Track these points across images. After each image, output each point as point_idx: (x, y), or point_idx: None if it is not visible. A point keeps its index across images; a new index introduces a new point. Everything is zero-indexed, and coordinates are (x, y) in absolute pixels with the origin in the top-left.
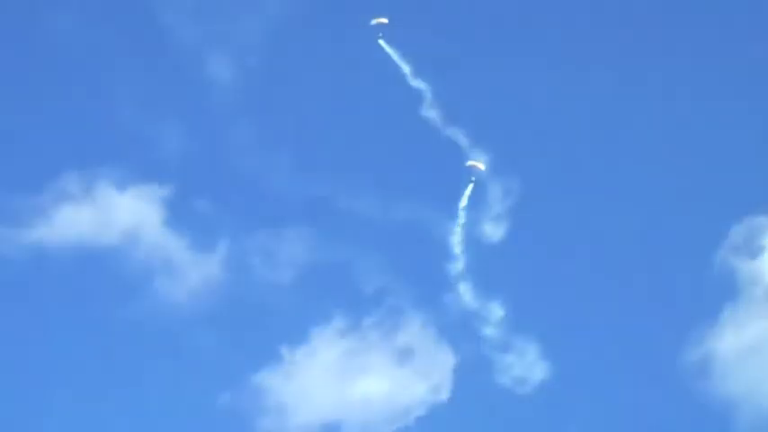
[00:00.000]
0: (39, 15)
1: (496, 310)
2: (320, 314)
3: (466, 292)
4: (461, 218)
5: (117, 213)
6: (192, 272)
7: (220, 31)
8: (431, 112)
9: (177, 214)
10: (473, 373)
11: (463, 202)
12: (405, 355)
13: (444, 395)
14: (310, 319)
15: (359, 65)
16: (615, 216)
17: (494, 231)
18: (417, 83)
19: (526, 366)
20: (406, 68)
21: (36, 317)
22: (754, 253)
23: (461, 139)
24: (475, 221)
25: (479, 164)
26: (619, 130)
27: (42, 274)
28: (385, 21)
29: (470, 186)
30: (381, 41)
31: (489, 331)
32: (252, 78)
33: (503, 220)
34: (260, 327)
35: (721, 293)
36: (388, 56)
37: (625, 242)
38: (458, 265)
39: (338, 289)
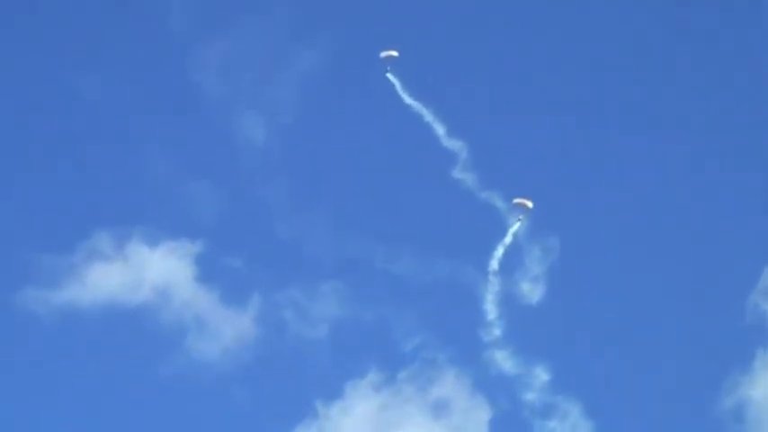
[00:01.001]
0: (72, 75)
1: (534, 371)
2: (355, 369)
3: (502, 352)
4: (496, 267)
5: (148, 270)
6: (225, 328)
7: (251, 89)
8: (465, 174)
9: (208, 270)
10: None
11: (508, 238)
12: (440, 409)
13: None
14: (345, 374)
15: (392, 121)
16: (647, 268)
17: (532, 292)
18: (451, 143)
19: (566, 426)
20: (428, 116)
21: (70, 377)
22: None
23: (497, 200)
24: (513, 281)
25: (527, 202)
26: (649, 184)
27: (75, 334)
28: (395, 54)
29: (517, 224)
30: (389, 75)
31: (529, 394)
32: (284, 137)
33: (541, 280)
34: (294, 382)
35: (754, 339)
36: (420, 113)
37: (658, 294)
38: (494, 325)
39: (373, 344)
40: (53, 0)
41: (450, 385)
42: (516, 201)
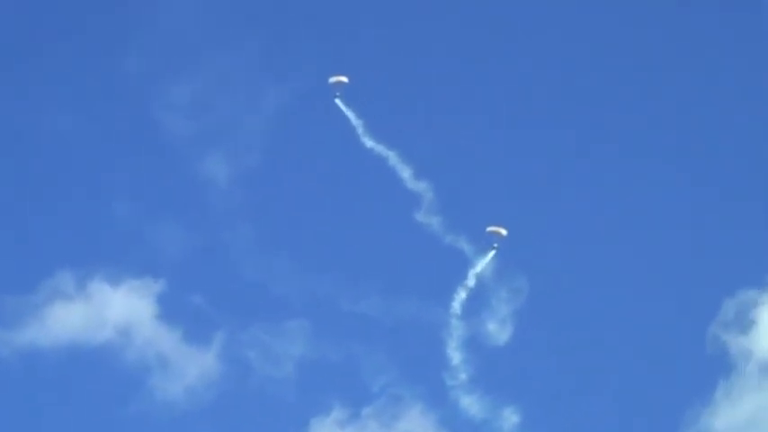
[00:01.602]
0: (33, 114)
1: (503, 413)
2: (319, 405)
3: (470, 394)
4: (458, 310)
5: (111, 309)
6: (188, 366)
7: (217, 128)
8: (430, 216)
9: (171, 308)
10: None
11: (479, 268)
12: None
13: None
14: (309, 411)
15: (358, 164)
16: (610, 302)
17: (499, 332)
18: (417, 184)
19: None
20: (393, 159)
21: (31, 419)
22: (745, 328)
23: (462, 243)
24: (480, 321)
25: (501, 229)
26: (611, 219)
27: (36, 375)
28: (345, 80)
29: (492, 253)
30: (338, 101)
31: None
32: (249, 178)
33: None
34: (259, 420)
35: (715, 370)
36: (386, 156)
37: (621, 328)
38: (460, 368)
39: (337, 382)
40: (11, 40)
41: (416, 422)
42: (490, 228)
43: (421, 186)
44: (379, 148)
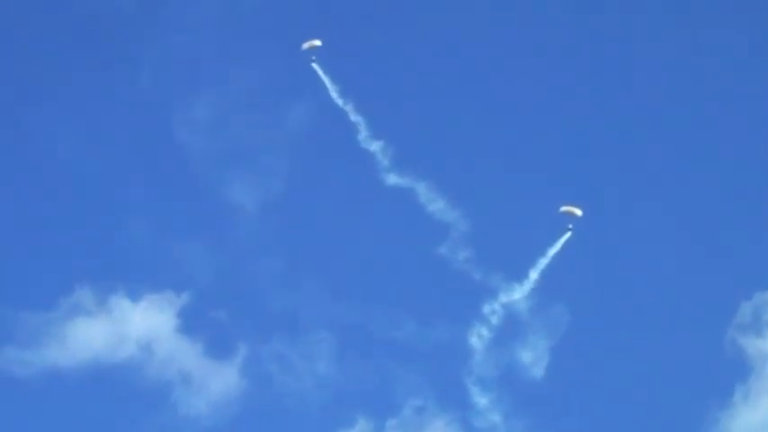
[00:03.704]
0: (54, 134)
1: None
2: (343, 419)
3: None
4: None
5: (131, 324)
6: (211, 381)
7: (238, 147)
8: (458, 245)
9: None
10: None
11: (554, 249)
12: None
13: None
14: (333, 425)
15: (384, 187)
16: (628, 310)
17: (534, 365)
18: (445, 215)
19: None
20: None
21: None
22: (762, 331)
23: (495, 280)
24: (513, 350)
25: (575, 209)
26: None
27: (58, 395)
28: (318, 43)
29: (567, 235)
30: (314, 65)
31: None
32: (275, 202)
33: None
34: None
35: (733, 374)
36: (410, 184)
37: (636, 332)
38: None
39: (362, 395)
40: (34, 62)
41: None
42: (564, 209)
43: (451, 215)
44: (406, 181)
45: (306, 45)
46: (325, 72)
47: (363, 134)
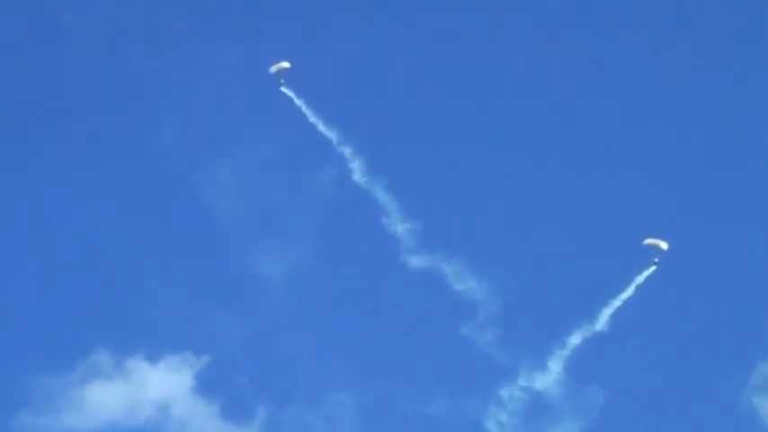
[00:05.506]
0: (74, 193)
1: None
2: None
3: None
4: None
5: (149, 387)
6: None
7: (264, 215)
8: (483, 330)
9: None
10: None
11: (638, 281)
12: None
13: None
14: None
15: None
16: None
17: None
18: (467, 293)
19: None
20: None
21: None
22: None
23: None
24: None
25: (661, 242)
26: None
27: None
28: (287, 65)
29: (652, 269)
30: (283, 88)
31: None
32: (301, 272)
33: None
34: None
35: None
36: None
37: (656, 393)
38: None
39: None
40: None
41: None
42: (648, 241)
43: (478, 292)
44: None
45: (274, 68)
46: (298, 95)
47: (392, 210)
